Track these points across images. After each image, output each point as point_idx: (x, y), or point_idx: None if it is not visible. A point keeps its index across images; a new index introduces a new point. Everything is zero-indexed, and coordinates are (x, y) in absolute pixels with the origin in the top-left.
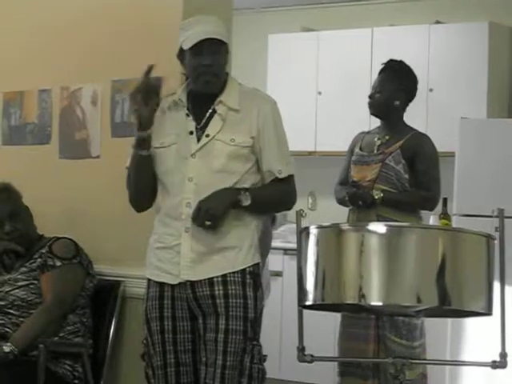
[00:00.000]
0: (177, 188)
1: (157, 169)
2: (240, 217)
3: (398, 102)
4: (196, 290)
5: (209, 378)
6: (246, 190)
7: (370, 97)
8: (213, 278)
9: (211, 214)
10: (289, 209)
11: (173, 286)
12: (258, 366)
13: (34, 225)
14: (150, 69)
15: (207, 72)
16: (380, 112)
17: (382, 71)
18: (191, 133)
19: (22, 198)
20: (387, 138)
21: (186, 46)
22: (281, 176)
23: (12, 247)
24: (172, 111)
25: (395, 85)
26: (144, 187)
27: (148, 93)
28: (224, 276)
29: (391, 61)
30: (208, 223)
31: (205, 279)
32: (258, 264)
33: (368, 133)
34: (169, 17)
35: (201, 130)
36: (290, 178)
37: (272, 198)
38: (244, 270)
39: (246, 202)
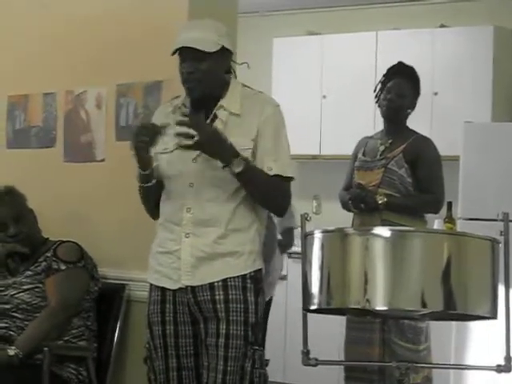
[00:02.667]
0: (178, 193)
1: (163, 173)
2: (240, 222)
3: (409, 111)
4: (197, 294)
5: (210, 383)
6: (245, 159)
7: (390, 100)
8: (213, 282)
9: (199, 142)
10: (278, 213)
11: (174, 290)
12: (260, 370)
13: (39, 228)
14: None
15: (188, 79)
16: (394, 116)
17: (398, 74)
18: (193, 137)
19: (27, 201)
20: (390, 142)
21: (171, 54)
22: (271, 173)
23: (17, 249)
24: (176, 116)
25: (414, 93)
26: (156, 204)
27: (152, 139)
28: (224, 281)
29: (405, 66)
30: (189, 141)
31: (205, 284)
32: (259, 270)
33: (371, 138)
34: (174, 21)
35: None
36: (284, 179)
37: (263, 185)
38: (245, 275)
39: (237, 168)
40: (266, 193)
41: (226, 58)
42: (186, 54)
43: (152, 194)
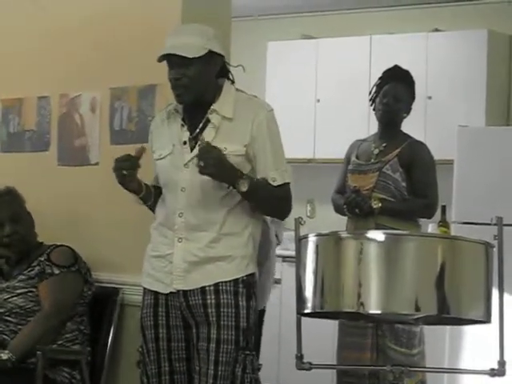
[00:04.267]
0: (171, 198)
1: (159, 179)
2: (233, 225)
3: (405, 115)
4: (189, 298)
5: None
6: (249, 177)
7: (386, 104)
8: (205, 286)
9: (208, 162)
10: (283, 217)
11: (166, 294)
12: (251, 375)
13: (35, 232)
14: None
15: (176, 86)
16: (390, 120)
17: (394, 78)
18: (185, 143)
19: (26, 203)
20: (384, 145)
21: (157, 60)
22: (275, 184)
23: (4, 253)
24: (170, 121)
25: (410, 98)
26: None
27: (132, 170)
28: (216, 285)
29: (401, 69)
30: (201, 163)
31: (197, 288)
32: (252, 274)
33: (364, 140)
34: (167, 25)
35: (194, 140)
36: (286, 185)
37: (267, 197)
38: (237, 279)
39: (243, 187)
40: (271, 203)
41: (215, 61)
42: (172, 61)
43: (154, 204)
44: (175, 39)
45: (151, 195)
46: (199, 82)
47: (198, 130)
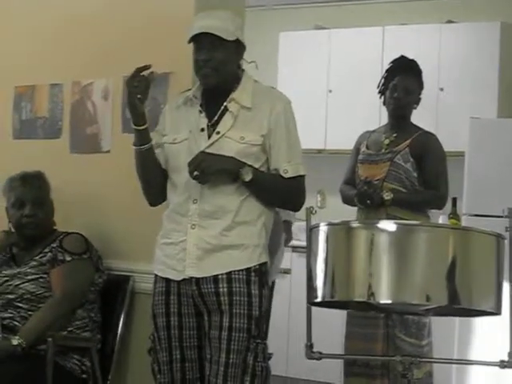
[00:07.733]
0: (185, 185)
1: (168, 164)
2: (247, 214)
3: (415, 106)
4: (201, 286)
5: (212, 375)
6: (251, 166)
7: (397, 98)
8: (218, 275)
9: (202, 167)
10: (296, 210)
11: (179, 282)
12: (262, 364)
13: (53, 221)
14: (146, 68)
15: (204, 67)
16: (402, 113)
17: (402, 70)
18: (202, 130)
19: (51, 191)
20: (394, 136)
21: (188, 41)
22: (286, 176)
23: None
24: (187, 107)
25: (419, 89)
26: (151, 180)
27: (145, 90)
28: (229, 273)
29: (407, 60)
30: (196, 173)
31: (210, 276)
32: (264, 263)
33: (373, 132)
34: (180, 12)
35: (212, 127)
36: (300, 178)
37: (276, 187)
38: (249, 268)
39: (247, 176)
40: (280, 195)
41: (239, 51)
42: (203, 42)
43: (147, 166)
44: (208, 21)
45: (148, 137)
46: (226, 67)
47: (216, 118)
